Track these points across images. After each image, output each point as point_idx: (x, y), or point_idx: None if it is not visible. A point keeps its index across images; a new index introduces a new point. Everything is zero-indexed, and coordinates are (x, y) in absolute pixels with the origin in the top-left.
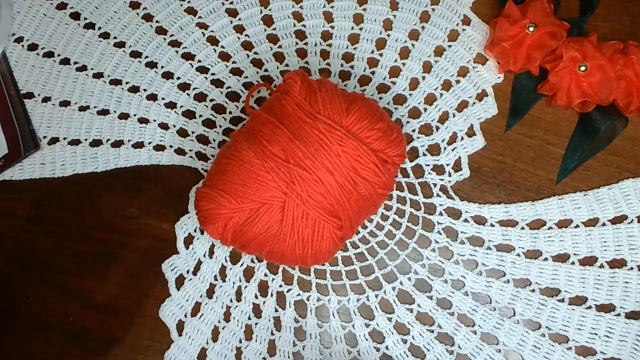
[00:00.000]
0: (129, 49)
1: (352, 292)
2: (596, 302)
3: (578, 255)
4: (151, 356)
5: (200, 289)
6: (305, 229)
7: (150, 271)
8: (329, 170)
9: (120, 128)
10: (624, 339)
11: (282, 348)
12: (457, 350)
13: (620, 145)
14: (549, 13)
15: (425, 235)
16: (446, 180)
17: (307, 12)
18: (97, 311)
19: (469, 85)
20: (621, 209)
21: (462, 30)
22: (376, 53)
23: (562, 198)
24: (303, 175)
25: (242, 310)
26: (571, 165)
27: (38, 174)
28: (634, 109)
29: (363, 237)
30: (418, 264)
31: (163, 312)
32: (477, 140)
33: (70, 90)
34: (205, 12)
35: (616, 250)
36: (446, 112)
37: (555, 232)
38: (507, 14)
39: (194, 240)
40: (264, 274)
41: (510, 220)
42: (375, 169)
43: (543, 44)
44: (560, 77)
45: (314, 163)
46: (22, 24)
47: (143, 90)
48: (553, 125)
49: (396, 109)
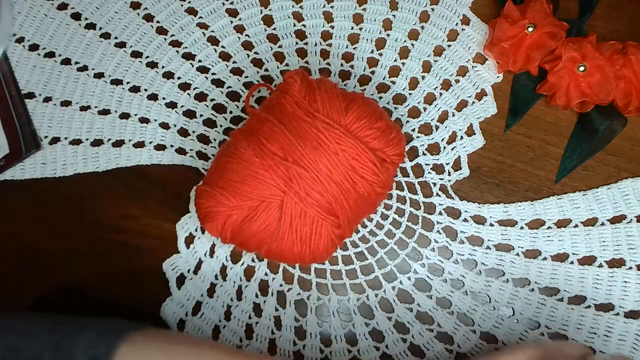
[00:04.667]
0: (130, 49)
1: (352, 292)
2: (595, 302)
3: (577, 255)
4: None
5: (201, 288)
6: (303, 227)
7: (151, 270)
8: (327, 169)
9: (121, 128)
10: (623, 338)
11: (282, 347)
12: (457, 349)
13: (619, 145)
14: (548, 13)
15: (424, 234)
16: (446, 180)
17: (307, 12)
18: (98, 311)
19: (469, 85)
20: (620, 208)
21: (461, 30)
22: (376, 53)
23: (561, 198)
24: (301, 173)
25: (242, 309)
26: (570, 165)
27: (39, 174)
28: (633, 109)
29: (363, 237)
30: (418, 264)
31: (164, 311)
32: (477, 139)
33: (71, 90)
34: (205, 12)
35: (615, 250)
36: (446, 111)
37: (555, 232)
38: (506, 14)
39: (194, 240)
40: (264, 273)
41: (510, 220)
42: (374, 168)
43: (542, 44)
44: (559, 77)
45: (313, 161)
46: (23, 24)
47: (144, 90)
48: (552, 125)
49: (396, 108)
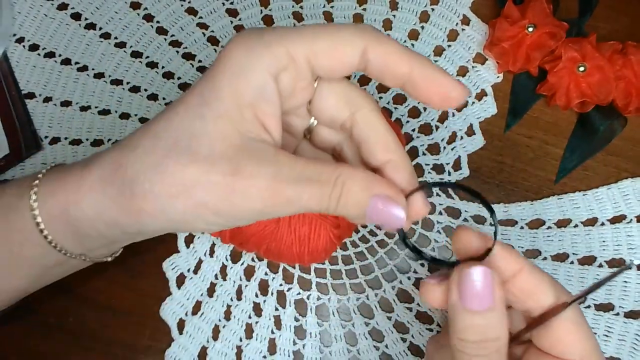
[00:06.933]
0: (130, 49)
1: (352, 291)
2: (595, 302)
3: (577, 255)
4: (152, 355)
5: (201, 288)
6: (302, 227)
7: (150, 270)
8: None
9: (121, 128)
10: (622, 338)
11: (282, 347)
12: None
13: (619, 145)
14: (549, 13)
15: (425, 234)
16: (446, 180)
17: (307, 12)
18: (97, 311)
19: (469, 85)
20: (620, 208)
21: (461, 30)
22: None
23: (561, 198)
24: None
25: (242, 309)
26: (570, 165)
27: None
28: (633, 109)
29: (363, 236)
30: (418, 263)
31: (164, 311)
32: (477, 139)
33: (72, 91)
34: (205, 13)
35: (615, 250)
36: (446, 111)
37: (554, 232)
38: (506, 14)
39: (194, 239)
40: (264, 273)
41: (510, 219)
42: None
43: (542, 45)
44: (559, 78)
45: None
46: (23, 24)
47: (144, 90)
48: (552, 125)
49: (396, 108)
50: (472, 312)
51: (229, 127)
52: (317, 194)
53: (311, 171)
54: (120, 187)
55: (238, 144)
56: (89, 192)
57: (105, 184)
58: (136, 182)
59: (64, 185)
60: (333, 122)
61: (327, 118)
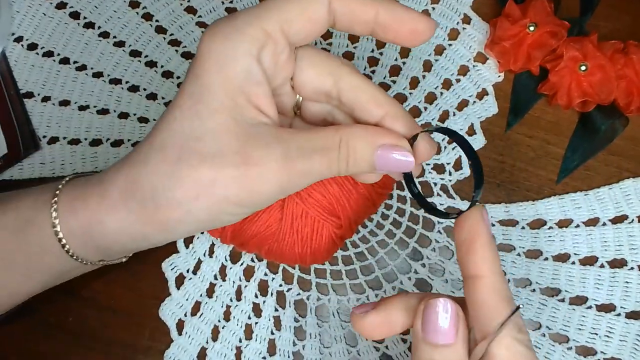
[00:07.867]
0: (129, 49)
1: (352, 292)
2: (596, 302)
3: (578, 255)
4: (151, 355)
5: (200, 288)
6: (304, 227)
7: (150, 270)
8: None
9: (120, 127)
10: (624, 338)
11: (282, 347)
12: None
13: (620, 145)
14: (550, 12)
15: (425, 234)
16: (447, 180)
17: None
18: (97, 311)
19: (469, 84)
20: (622, 208)
21: (462, 29)
22: (376, 52)
23: (563, 198)
24: None
25: (242, 309)
26: (571, 165)
27: (38, 174)
28: (635, 108)
29: (363, 237)
30: (418, 264)
31: (163, 311)
32: (478, 139)
33: (70, 90)
34: (205, 12)
35: (617, 250)
36: (446, 111)
37: (556, 232)
38: (507, 13)
39: (194, 240)
40: (264, 274)
41: (511, 219)
42: None
43: (543, 44)
44: (560, 77)
45: None
46: (21, 23)
47: (143, 89)
48: (553, 124)
49: None
50: (432, 345)
51: (227, 119)
52: (325, 160)
53: (315, 140)
54: (142, 201)
55: (240, 133)
56: (112, 210)
57: (127, 201)
58: (157, 194)
59: (85, 205)
60: (318, 93)
61: (311, 91)
